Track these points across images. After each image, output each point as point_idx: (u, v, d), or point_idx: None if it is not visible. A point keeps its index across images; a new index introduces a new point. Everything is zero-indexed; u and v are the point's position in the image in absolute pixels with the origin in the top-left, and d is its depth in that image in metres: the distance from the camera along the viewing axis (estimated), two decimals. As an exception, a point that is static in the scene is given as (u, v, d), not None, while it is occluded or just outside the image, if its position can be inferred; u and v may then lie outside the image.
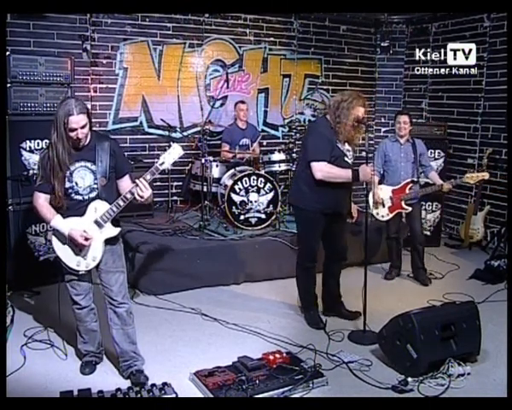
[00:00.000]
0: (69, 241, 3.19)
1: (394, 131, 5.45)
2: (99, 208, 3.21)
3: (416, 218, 5.37)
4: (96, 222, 3.21)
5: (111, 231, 3.27)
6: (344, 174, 4.02)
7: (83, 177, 3.20)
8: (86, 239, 3.16)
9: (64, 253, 3.25)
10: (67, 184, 3.19)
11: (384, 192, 5.33)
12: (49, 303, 4.40)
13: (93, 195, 3.24)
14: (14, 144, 4.65)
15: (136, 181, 3.12)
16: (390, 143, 5.41)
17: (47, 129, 4.59)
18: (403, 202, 5.25)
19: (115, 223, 3.30)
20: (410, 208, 5.27)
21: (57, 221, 3.19)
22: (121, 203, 3.19)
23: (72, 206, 3.22)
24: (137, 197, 3.13)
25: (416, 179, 5.27)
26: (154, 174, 3.17)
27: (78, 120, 3.07)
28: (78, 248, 3.22)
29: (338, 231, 4.35)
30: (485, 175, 5.09)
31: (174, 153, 3.16)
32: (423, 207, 6.42)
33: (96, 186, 3.23)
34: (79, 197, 3.22)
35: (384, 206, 5.34)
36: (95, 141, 3.23)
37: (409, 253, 5.63)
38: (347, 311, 4.44)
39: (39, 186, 3.22)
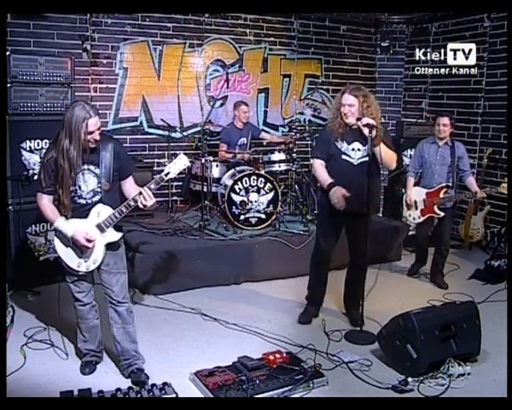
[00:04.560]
0: (72, 243, 3.19)
1: (434, 133, 5.19)
2: (102, 213, 3.20)
3: (446, 223, 5.18)
4: (99, 226, 3.20)
5: (113, 235, 3.26)
6: (323, 180, 4.05)
7: (86, 180, 3.19)
8: (89, 241, 3.16)
9: (65, 253, 3.26)
10: (71, 188, 3.16)
11: (417, 194, 5.21)
12: (50, 303, 4.40)
13: (96, 199, 3.22)
14: (14, 144, 4.64)
15: (141, 190, 3.13)
16: (428, 144, 5.21)
17: (47, 129, 4.66)
18: (436, 207, 5.08)
19: (117, 228, 3.28)
20: (442, 213, 5.08)
21: (60, 223, 3.19)
22: (124, 210, 3.18)
23: (75, 209, 3.21)
24: (141, 206, 3.14)
25: (450, 184, 5.06)
26: (159, 184, 3.17)
27: (96, 122, 3.08)
28: (81, 250, 3.22)
29: (354, 235, 4.21)
30: None
31: (180, 163, 3.14)
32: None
33: (99, 190, 3.22)
34: (82, 201, 3.21)
35: (417, 208, 5.21)
36: (99, 143, 3.18)
37: (409, 253, 5.61)
38: (355, 317, 4.25)
39: (43, 188, 3.20)
